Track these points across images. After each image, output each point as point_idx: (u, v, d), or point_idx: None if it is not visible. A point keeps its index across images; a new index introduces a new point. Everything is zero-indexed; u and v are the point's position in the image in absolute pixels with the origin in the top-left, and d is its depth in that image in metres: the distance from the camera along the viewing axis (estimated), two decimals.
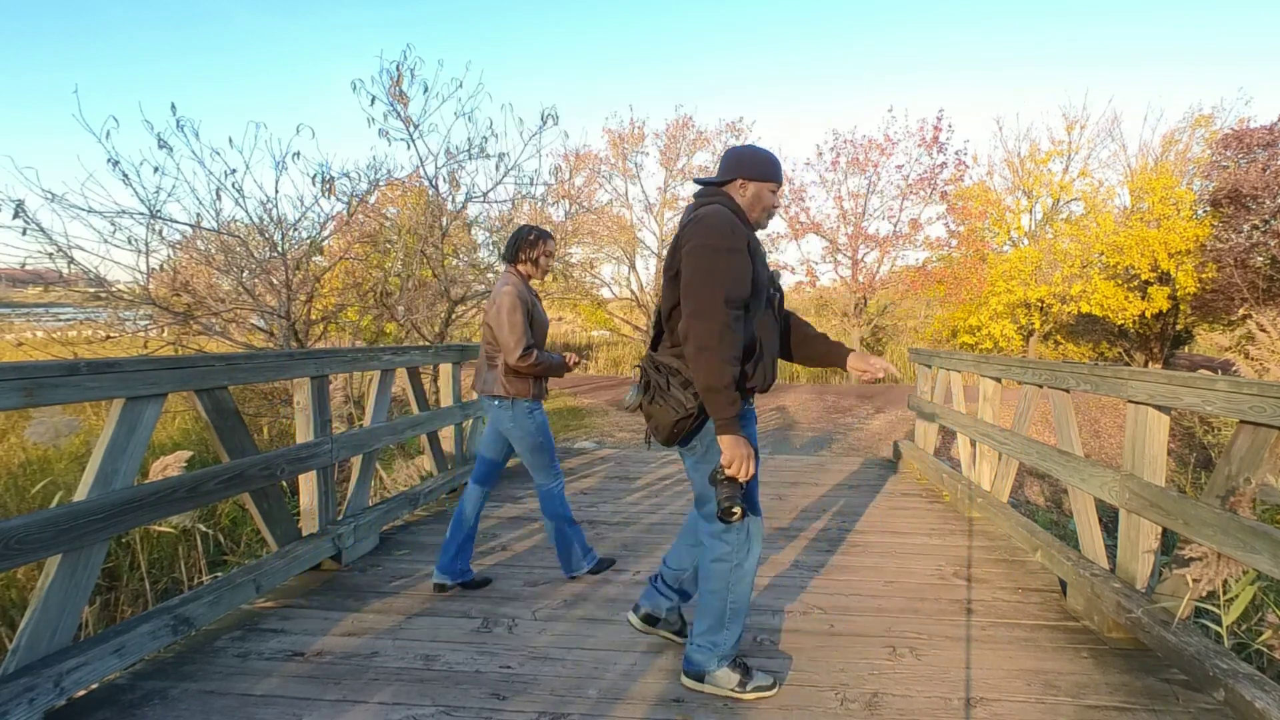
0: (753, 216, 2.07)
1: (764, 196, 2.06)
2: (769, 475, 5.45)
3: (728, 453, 1.88)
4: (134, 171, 4.74)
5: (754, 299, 1.95)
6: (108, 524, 2.11)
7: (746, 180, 2.04)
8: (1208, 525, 2.22)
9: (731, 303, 1.85)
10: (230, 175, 5.15)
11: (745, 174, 2.04)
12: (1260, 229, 12.86)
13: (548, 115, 6.37)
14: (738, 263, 1.86)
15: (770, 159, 2.07)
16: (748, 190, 2.05)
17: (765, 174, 2.05)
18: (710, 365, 1.82)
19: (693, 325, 1.85)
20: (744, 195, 2.05)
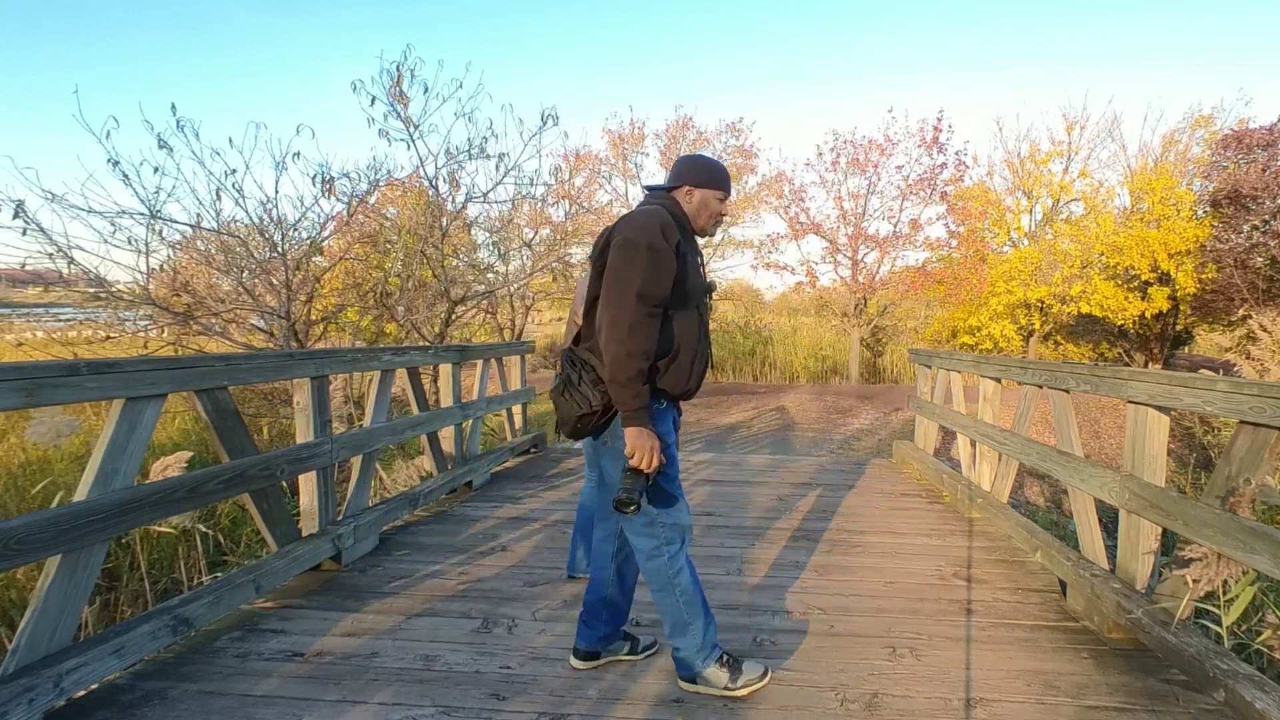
0: (698, 224, 2.12)
1: (710, 204, 2.10)
2: (769, 476, 5.45)
3: (630, 444, 1.89)
4: (134, 172, 4.75)
5: (677, 300, 1.96)
6: (108, 524, 2.11)
7: (693, 187, 2.09)
8: (1208, 526, 2.22)
9: (645, 298, 1.86)
10: (230, 175, 5.16)
11: (692, 181, 2.09)
12: (1260, 229, 12.87)
13: (548, 116, 6.38)
14: (659, 261, 1.88)
15: (717, 168, 2.13)
16: (694, 197, 2.09)
17: (711, 182, 2.09)
18: (616, 357, 1.85)
19: (604, 316, 1.89)
20: (690, 202, 2.09)
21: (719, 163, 2.14)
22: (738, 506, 4.48)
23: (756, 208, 17.06)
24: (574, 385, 2.01)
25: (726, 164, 16.84)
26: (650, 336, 1.88)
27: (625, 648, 2.36)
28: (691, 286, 2.00)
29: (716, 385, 14.87)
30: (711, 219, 2.13)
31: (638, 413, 1.89)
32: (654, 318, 1.90)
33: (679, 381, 2.05)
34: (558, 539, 3.71)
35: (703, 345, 2.11)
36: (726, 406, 11.52)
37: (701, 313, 2.11)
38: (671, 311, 1.98)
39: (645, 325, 1.86)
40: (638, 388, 1.87)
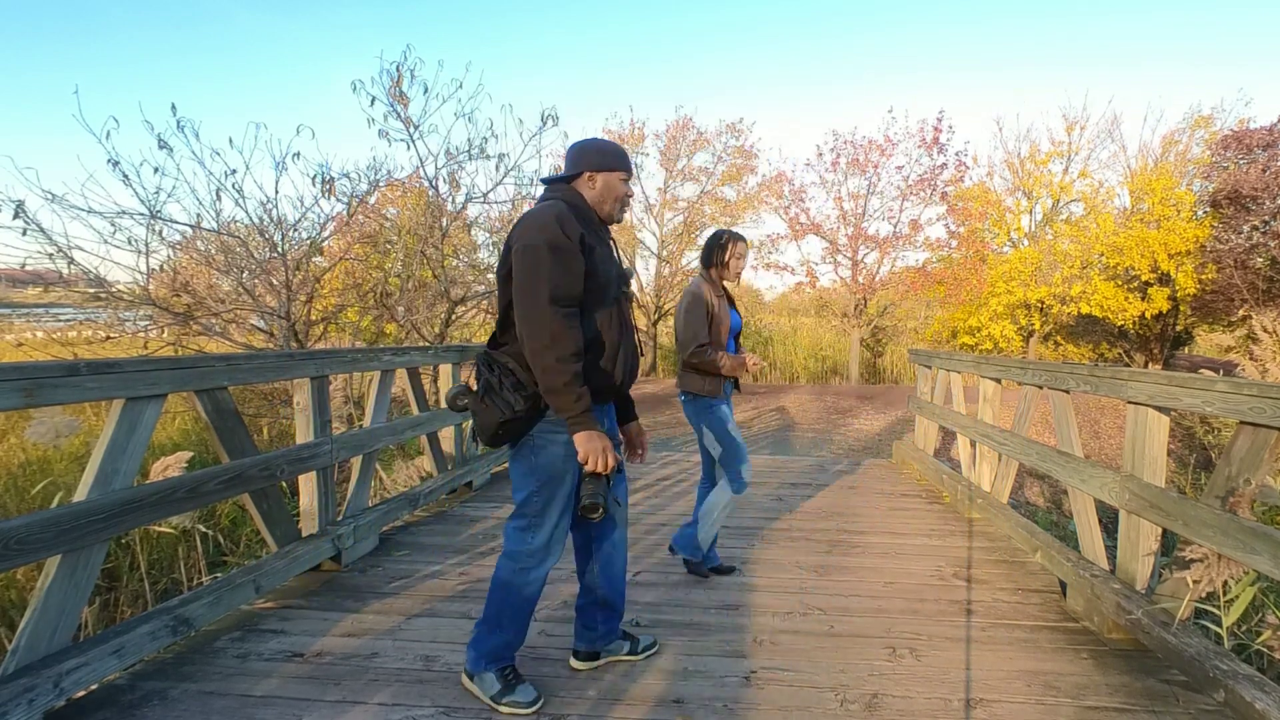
0: (604, 210, 2.05)
1: (615, 187, 2.03)
2: (769, 476, 5.45)
3: (581, 449, 1.86)
4: (134, 172, 4.75)
5: (592, 295, 1.91)
6: (108, 524, 2.11)
7: (594, 173, 2.01)
8: (1208, 526, 2.22)
9: (559, 301, 1.81)
10: (230, 176, 5.16)
11: (591, 166, 2.01)
12: (1260, 230, 12.87)
13: (548, 116, 6.37)
14: (559, 259, 1.82)
15: (615, 148, 2.06)
16: (596, 182, 2.02)
17: (611, 164, 2.02)
18: (547, 366, 1.80)
19: (525, 328, 1.82)
20: (593, 188, 2.02)
21: (615, 143, 2.08)
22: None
23: (756, 208, 17.07)
24: (495, 391, 1.93)
25: (726, 164, 16.87)
26: (574, 338, 1.83)
27: (625, 647, 2.36)
28: (604, 279, 1.94)
29: None
30: (617, 203, 2.06)
31: (582, 416, 1.84)
32: (573, 317, 1.85)
33: (602, 378, 1.99)
34: None
35: (626, 338, 2.05)
36: None
37: (621, 304, 2.03)
38: (587, 307, 1.92)
39: (566, 328, 1.81)
40: (577, 391, 1.83)
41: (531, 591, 2.05)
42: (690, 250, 17.58)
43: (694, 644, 2.50)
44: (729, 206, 17.08)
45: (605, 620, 2.28)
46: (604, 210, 2.05)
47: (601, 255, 1.95)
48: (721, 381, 3.01)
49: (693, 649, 2.46)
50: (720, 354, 2.92)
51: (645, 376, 16.41)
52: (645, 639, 2.42)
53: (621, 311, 2.04)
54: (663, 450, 7.38)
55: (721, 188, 17.22)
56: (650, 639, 2.43)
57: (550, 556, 2.05)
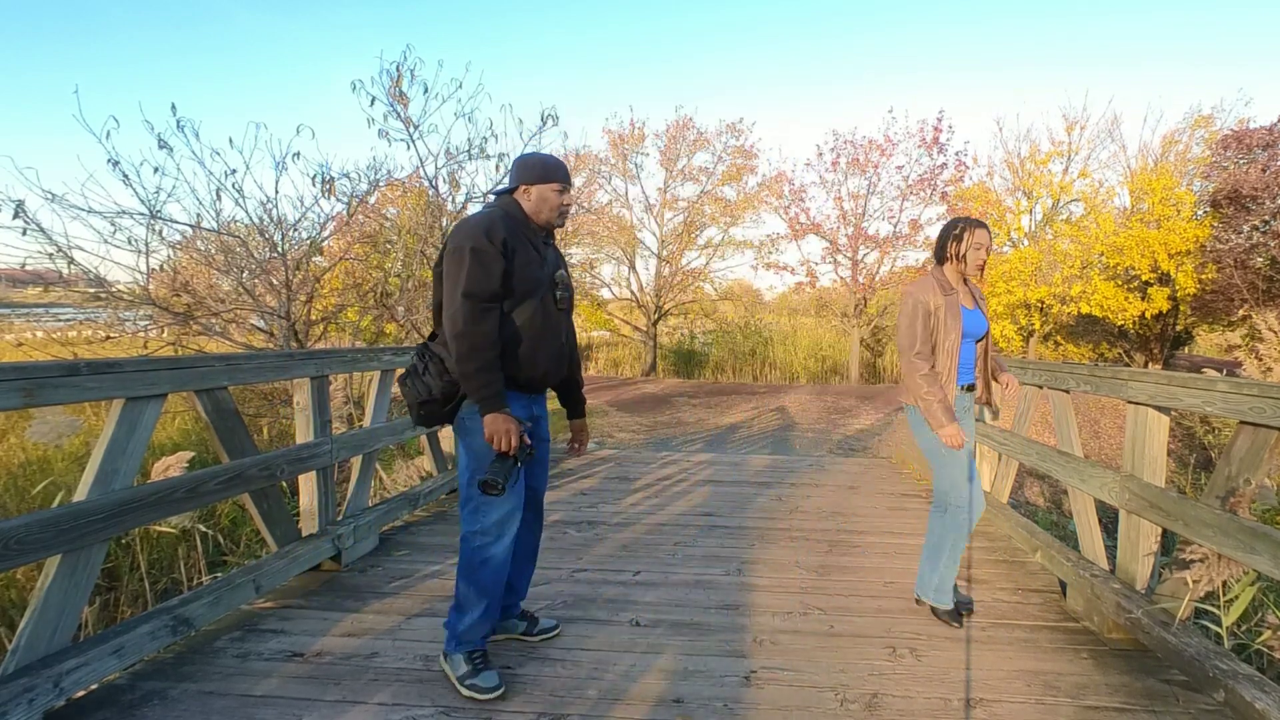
0: (541, 218, 2.21)
1: (548, 198, 2.19)
2: (769, 475, 5.45)
3: (486, 429, 2.02)
4: (134, 172, 4.75)
5: (514, 295, 2.09)
6: (107, 524, 2.11)
7: (528, 185, 2.19)
8: (1207, 526, 2.22)
9: (473, 296, 2.00)
10: (230, 175, 5.15)
11: (525, 180, 2.19)
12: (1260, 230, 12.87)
13: (547, 116, 6.37)
14: (477, 260, 2.01)
15: (546, 161, 2.22)
16: (531, 194, 2.19)
17: (543, 176, 2.19)
18: (460, 352, 2.02)
19: (445, 319, 2.05)
20: (529, 200, 2.20)
21: (551, 156, 2.26)
22: (738, 506, 4.48)
23: (756, 208, 17.07)
24: (418, 375, 2.17)
25: (726, 164, 16.87)
26: (485, 330, 2.02)
27: (522, 626, 2.49)
28: (526, 280, 2.11)
29: (716, 385, 14.88)
30: (553, 211, 2.22)
31: (488, 400, 2.03)
32: (489, 313, 2.04)
33: (519, 370, 2.14)
34: (557, 539, 3.71)
35: (549, 336, 2.20)
36: (726, 406, 11.52)
37: (546, 304, 2.19)
38: (508, 305, 2.09)
39: (479, 321, 2.01)
40: (486, 377, 2.02)
41: (493, 570, 2.19)
42: (690, 250, 17.59)
43: (694, 644, 2.50)
44: (729, 206, 17.08)
45: (504, 597, 2.40)
46: (541, 219, 2.22)
47: (526, 260, 2.12)
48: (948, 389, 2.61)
49: (693, 649, 2.46)
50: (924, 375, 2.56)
51: (645, 376, 16.40)
52: (546, 622, 2.54)
53: (546, 311, 2.19)
54: (662, 450, 7.38)
55: (721, 187, 17.22)
56: (551, 623, 2.56)
57: (506, 533, 2.18)
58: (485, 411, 2.03)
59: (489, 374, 2.03)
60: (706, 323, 18.91)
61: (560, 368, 2.29)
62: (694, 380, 16.15)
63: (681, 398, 12.42)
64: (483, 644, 2.22)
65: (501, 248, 2.05)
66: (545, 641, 2.49)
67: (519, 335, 2.12)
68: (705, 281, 18.28)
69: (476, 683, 2.12)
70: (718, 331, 18.79)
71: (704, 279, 18.11)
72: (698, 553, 3.53)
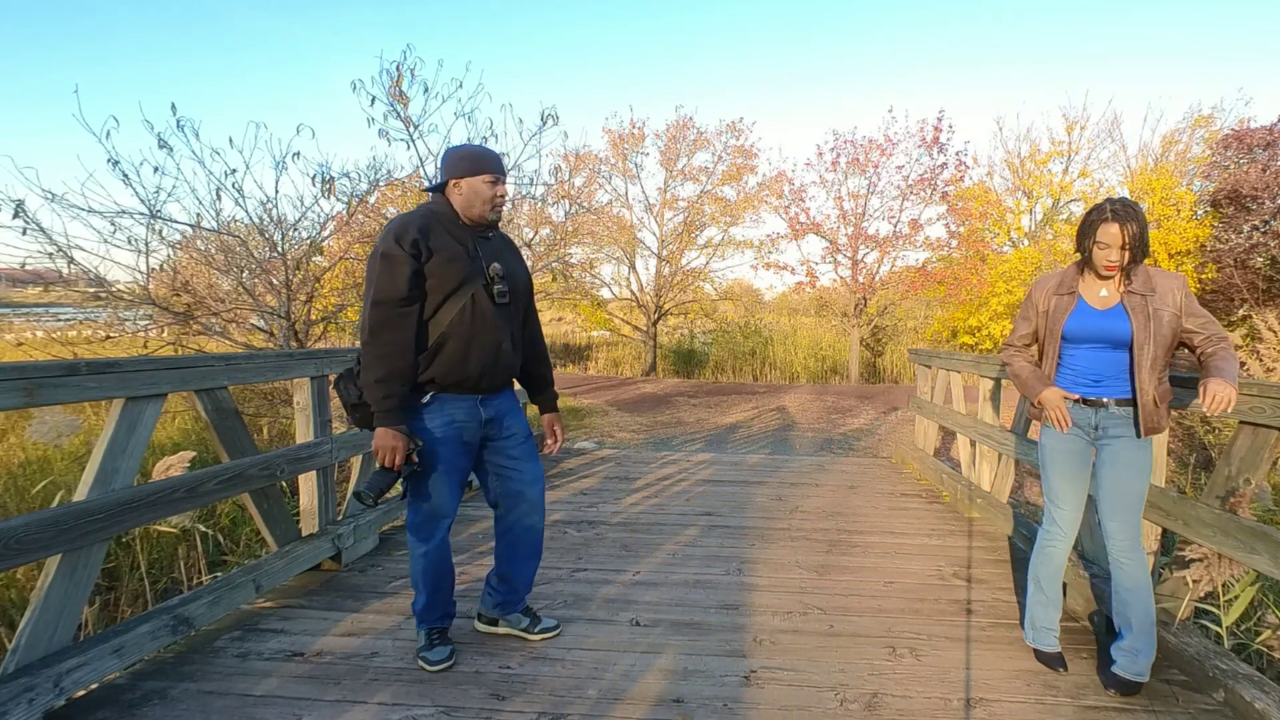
0: (474, 213, 2.17)
1: (479, 190, 2.15)
2: (769, 475, 5.45)
3: (375, 442, 2.06)
4: (134, 171, 4.74)
5: (435, 295, 2.08)
6: (107, 524, 2.11)
7: (457, 179, 2.15)
8: (1207, 526, 2.22)
9: (381, 304, 2.02)
10: (230, 175, 5.14)
11: (454, 174, 2.15)
12: (1260, 230, 12.87)
13: (547, 115, 6.37)
14: (387, 265, 2.01)
15: (476, 153, 2.17)
16: (461, 188, 2.16)
17: (473, 169, 2.14)
18: (365, 360, 2.06)
19: (360, 325, 2.09)
20: (459, 194, 2.16)
21: (480, 147, 2.21)
22: (738, 506, 4.48)
23: (756, 208, 17.05)
24: (354, 377, 2.20)
25: (726, 164, 16.86)
26: (392, 338, 2.03)
27: (524, 622, 2.52)
28: (448, 278, 2.08)
29: (716, 385, 14.88)
30: (487, 204, 2.17)
31: (383, 414, 2.05)
32: (401, 318, 2.04)
33: (450, 371, 2.13)
34: (557, 539, 3.71)
35: (481, 331, 2.15)
36: (726, 406, 11.52)
37: (478, 301, 2.14)
38: (431, 305, 2.08)
39: (386, 328, 2.02)
40: (384, 389, 2.04)
41: (423, 568, 2.28)
42: (690, 249, 17.58)
43: (694, 644, 2.50)
44: (729, 206, 17.07)
45: (504, 592, 2.49)
46: (474, 213, 2.17)
47: (449, 257, 2.09)
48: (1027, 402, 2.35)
49: (693, 649, 2.46)
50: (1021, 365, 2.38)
51: (645, 376, 16.40)
52: (547, 621, 2.56)
53: (477, 308, 2.14)
54: (662, 450, 7.38)
55: (722, 187, 17.20)
56: (553, 622, 2.57)
57: (435, 532, 2.26)
58: (377, 424, 2.06)
59: (388, 385, 2.04)
60: (706, 322, 18.90)
61: (500, 365, 2.23)
62: (694, 380, 16.15)
63: (681, 397, 12.42)
64: (440, 623, 2.36)
65: (412, 249, 2.03)
66: (545, 641, 2.50)
67: (448, 336, 2.11)
68: (705, 281, 18.27)
69: (427, 655, 2.28)
70: (718, 331, 18.77)
71: (704, 279, 18.09)
72: (698, 552, 3.53)
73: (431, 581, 2.31)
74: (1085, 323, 2.22)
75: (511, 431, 2.36)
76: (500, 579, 2.50)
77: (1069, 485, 2.31)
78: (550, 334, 21.99)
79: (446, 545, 2.33)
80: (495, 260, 2.21)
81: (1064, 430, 2.25)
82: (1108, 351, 2.20)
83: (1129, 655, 2.18)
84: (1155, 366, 2.13)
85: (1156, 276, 2.15)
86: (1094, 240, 2.14)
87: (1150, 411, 2.15)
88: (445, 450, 2.19)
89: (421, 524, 2.26)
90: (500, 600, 2.51)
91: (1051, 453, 2.32)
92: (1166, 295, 2.12)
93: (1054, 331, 2.27)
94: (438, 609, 2.36)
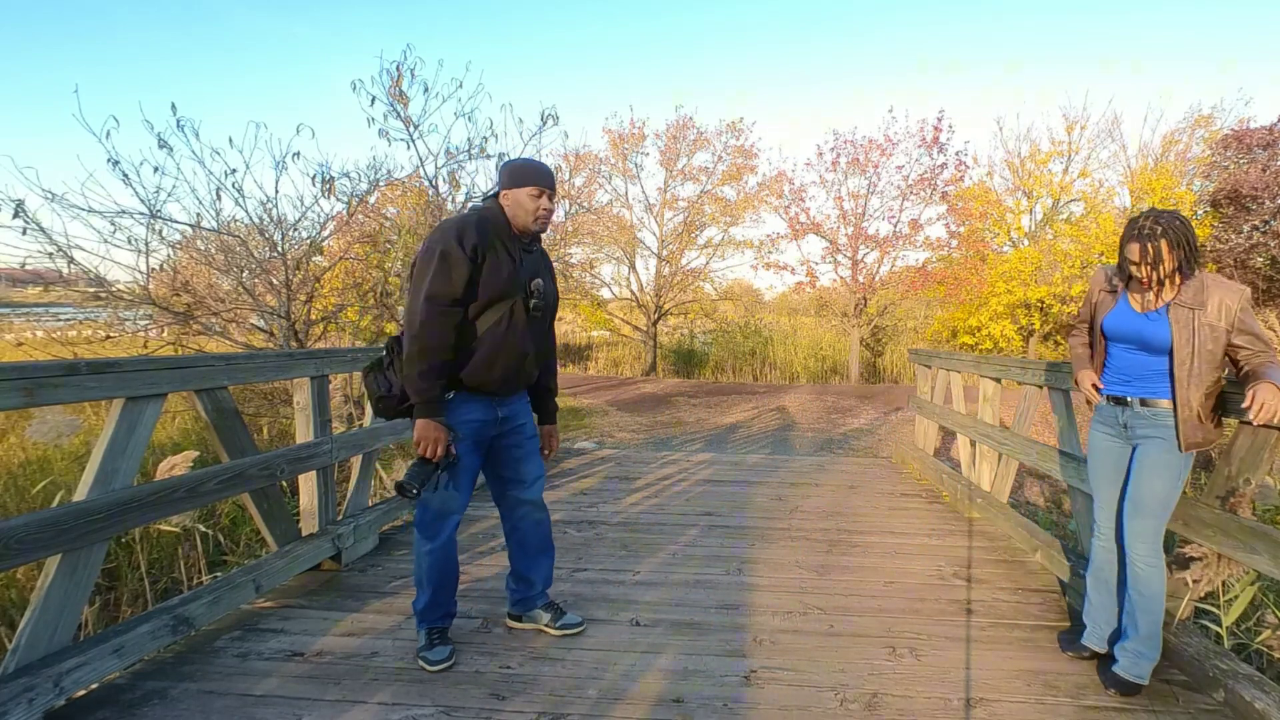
0: (519, 223, 2.24)
1: (523, 202, 2.22)
2: (769, 475, 5.45)
3: (416, 433, 2.09)
4: (134, 171, 4.74)
5: (480, 300, 2.13)
6: (107, 524, 2.11)
7: (506, 190, 2.23)
8: (1207, 526, 2.22)
9: (434, 299, 2.06)
10: (230, 175, 5.15)
11: (504, 185, 2.24)
12: (1260, 229, 12.87)
13: (548, 115, 6.37)
14: (444, 263, 2.06)
15: (525, 166, 2.26)
16: (509, 199, 2.23)
17: (520, 181, 2.21)
18: (410, 352, 2.09)
19: (405, 317, 2.14)
20: (508, 204, 2.24)
21: (531, 160, 2.29)
22: (738, 506, 4.48)
23: (756, 208, 17.05)
24: (382, 369, 2.24)
25: (726, 164, 16.86)
26: (440, 334, 2.07)
27: (546, 618, 2.55)
28: (494, 286, 2.14)
29: (716, 385, 14.88)
30: (529, 216, 2.23)
31: (425, 405, 2.09)
32: (447, 316, 2.08)
33: (475, 374, 2.19)
34: (557, 539, 3.69)
35: (511, 342, 2.22)
36: (726, 406, 11.52)
37: (515, 312, 2.21)
38: (474, 310, 2.14)
39: (435, 323, 2.06)
40: (427, 382, 2.07)
41: (428, 567, 2.30)
42: (690, 249, 17.59)
43: (694, 644, 2.50)
44: (729, 206, 17.07)
45: (520, 589, 2.55)
46: (519, 223, 2.24)
47: (497, 265, 2.15)
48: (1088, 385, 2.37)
49: (693, 649, 2.46)
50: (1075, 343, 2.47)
51: (645, 376, 16.40)
52: (572, 617, 2.58)
53: (513, 319, 2.21)
54: (662, 450, 7.38)
55: (722, 187, 17.20)
56: (577, 619, 2.59)
57: (442, 530, 2.28)
58: (419, 415, 2.09)
59: (431, 379, 2.07)
60: (706, 322, 18.90)
61: (521, 375, 2.31)
62: (694, 380, 16.14)
63: (681, 397, 12.42)
64: (441, 623, 2.38)
65: (471, 253, 2.09)
66: (545, 641, 2.49)
67: (480, 341, 2.16)
68: (705, 281, 18.27)
69: (427, 655, 2.29)
70: (717, 331, 18.77)
71: (704, 279, 18.10)
72: (698, 552, 3.53)
73: (436, 579, 2.32)
74: (1121, 323, 2.24)
75: (520, 431, 2.41)
76: (516, 578, 2.56)
77: (1104, 485, 2.36)
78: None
79: (453, 544, 2.35)
80: (536, 275, 2.29)
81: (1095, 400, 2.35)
82: (1141, 355, 2.20)
83: (1132, 657, 2.19)
84: (1200, 381, 2.08)
85: (1212, 288, 2.09)
86: (1124, 255, 2.16)
87: (1193, 426, 2.09)
88: (458, 447, 2.21)
89: (430, 521, 2.28)
90: (520, 598, 2.56)
91: (1092, 452, 2.39)
92: (1219, 309, 2.06)
93: (1095, 326, 2.35)
94: (440, 608, 2.37)
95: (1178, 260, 2.07)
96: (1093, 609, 2.41)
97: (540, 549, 2.53)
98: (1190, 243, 2.08)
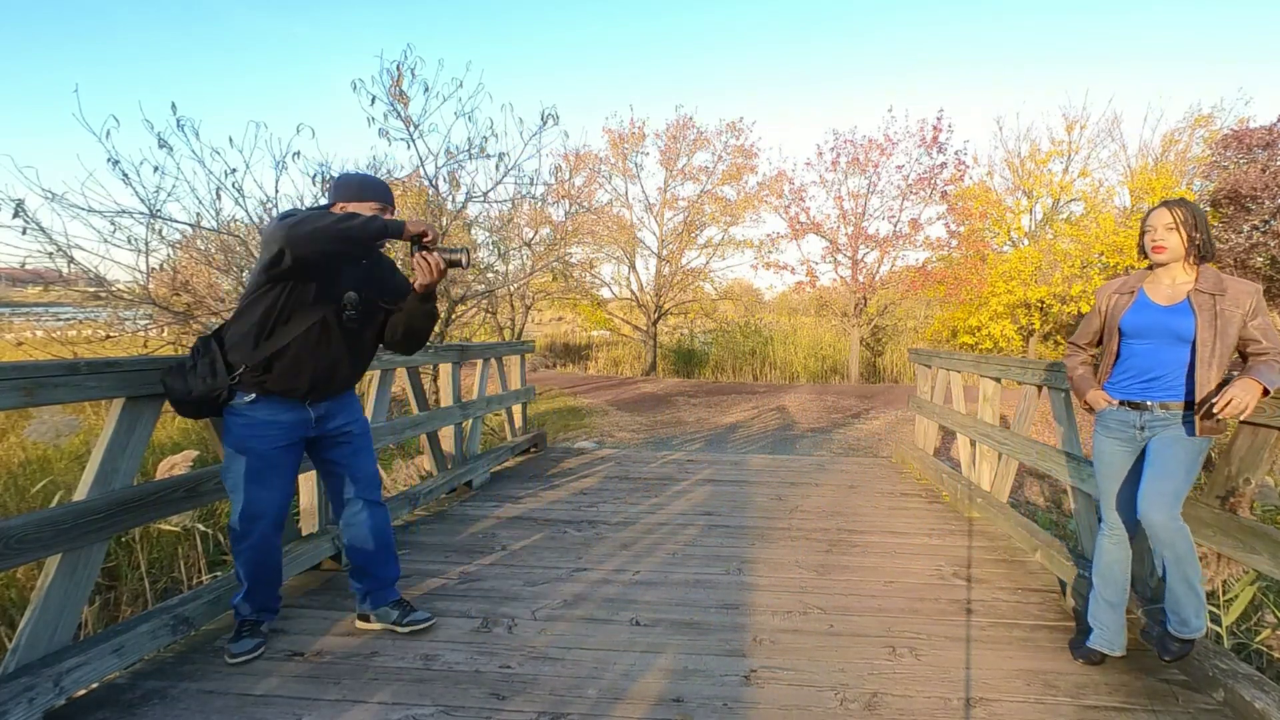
0: None
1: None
2: (769, 475, 5.45)
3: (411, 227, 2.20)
4: (134, 171, 4.75)
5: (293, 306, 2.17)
6: (107, 524, 2.11)
7: (344, 203, 2.28)
8: (1207, 526, 2.22)
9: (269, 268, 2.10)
10: (230, 175, 5.16)
11: (341, 197, 2.29)
12: (1260, 229, 12.88)
13: (548, 115, 6.38)
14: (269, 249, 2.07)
15: (360, 182, 2.32)
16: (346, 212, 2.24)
17: (356, 196, 2.28)
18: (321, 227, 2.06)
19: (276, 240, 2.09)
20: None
21: (366, 176, 2.36)
22: (738, 506, 4.48)
23: (756, 207, 17.05)
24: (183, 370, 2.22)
25: (726, 163, 16.87)
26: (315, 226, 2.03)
27: (393, 615, 2.54)
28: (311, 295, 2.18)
29: (716, 385, 14.88)
30: None
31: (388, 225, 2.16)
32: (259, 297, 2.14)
33: (282, 380, 2.22)
34: (558, 539, 3.71)
35: (322, 353, 2.25)
36: (726, 406, 11.52)
37: (326, 322, 2.24)
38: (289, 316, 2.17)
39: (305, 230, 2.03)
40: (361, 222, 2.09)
41: (244, 562, 2.32)
42: (690, 249, 17.59)
43: (694, 643, 2.50)
44: (729, 206, 17.07)
45: (364, 585, 2.54)
46: None
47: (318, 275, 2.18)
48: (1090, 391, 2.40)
49: (693, 648, 2.46)
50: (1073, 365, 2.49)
51: (645, 376, 16.40)
52: (420, 614, 2.57)
53: (325, 328, 2.24)
54: (662, 450, 7.38)
55: (722, 187, 17.20)
56: (425, 615, 2.58)
57: (251, 531, 2.29)
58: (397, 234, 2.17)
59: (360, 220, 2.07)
60: (706, 322, 18.90)
61: (335, 381, 2.33)
62: (694, 380, 16.15)
63: (681, 397, 12.42)
64: (255, 616, 2.40)
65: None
66: (545, 641, 2.49)
67: (289, 346, 2.19)
68: (705, 281, 18.28)
69: (232, 646, 2.32)
70: (717, 331, 18.77)
71: (704, 278, 18.10)
72: (697, 552, 3.53)
73: (250, 575, 2.35)
74: (1144, 317, 2.23)
75: (345, 429, 2.44)
76: (359, 575, 2.56)
77: (1113, 482, 2.36)
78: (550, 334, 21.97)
79: (269, 543, 2.34)
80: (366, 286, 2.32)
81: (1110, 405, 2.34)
82: (1167, 348, 2.19)
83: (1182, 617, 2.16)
84: (1220, 363, 2.10)
85: (1229, 280, 2.14)
86: (1145, 227, 2.23)
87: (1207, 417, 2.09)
88: (262, 447, 2.24)
89: (240, 520, 2.28)
90: (365, 594, 2.55)
91: (1099, 454, 2.39)
92: (1239, 297, 2.11)
93: (1112, 327, 2.32)
94: (254, 603, 2.39)
95: (1199, 239, 2.15)
96: (1099, 610, 2.37)
97: (378, 545, 2.53)
98: (1208, 228, 2.19)
